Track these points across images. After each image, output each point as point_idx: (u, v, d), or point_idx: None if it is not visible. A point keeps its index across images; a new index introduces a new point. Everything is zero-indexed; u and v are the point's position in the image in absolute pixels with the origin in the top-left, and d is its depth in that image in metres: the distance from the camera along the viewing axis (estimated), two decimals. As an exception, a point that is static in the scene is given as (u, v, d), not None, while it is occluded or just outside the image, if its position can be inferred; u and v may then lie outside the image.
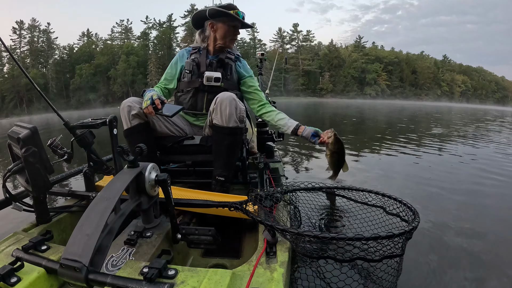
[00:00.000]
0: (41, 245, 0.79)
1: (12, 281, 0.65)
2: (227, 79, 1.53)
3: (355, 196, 1.23)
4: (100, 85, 46.88)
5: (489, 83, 63.45)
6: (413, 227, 0.83)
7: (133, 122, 1.34)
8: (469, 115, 14.77)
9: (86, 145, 1.09)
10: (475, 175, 2.85)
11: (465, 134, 6.37)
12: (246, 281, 0.67)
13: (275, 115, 1.50)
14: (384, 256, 0.81)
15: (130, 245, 0.86)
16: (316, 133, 1.42)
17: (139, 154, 0.83)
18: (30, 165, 0.87)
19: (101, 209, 0.67)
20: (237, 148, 1.39)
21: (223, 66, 1.54)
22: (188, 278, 0.63)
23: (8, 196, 0.99)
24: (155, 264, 0.63)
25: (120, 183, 0.75)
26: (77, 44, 52.11)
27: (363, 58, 53.42)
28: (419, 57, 59.55)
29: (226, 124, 1.28)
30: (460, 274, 1.19)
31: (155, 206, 0.94)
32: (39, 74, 44.77)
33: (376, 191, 1.17)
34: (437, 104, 38.38)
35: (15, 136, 0.87)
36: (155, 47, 51.71)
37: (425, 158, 3.65)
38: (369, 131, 7.27)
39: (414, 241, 1.27)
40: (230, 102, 1.27)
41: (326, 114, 13.56)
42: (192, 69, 1.53)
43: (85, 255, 0.59)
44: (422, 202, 2.02)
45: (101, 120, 1.04)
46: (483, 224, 1.70)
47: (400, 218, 1.02)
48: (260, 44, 54.65)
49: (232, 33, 1.53)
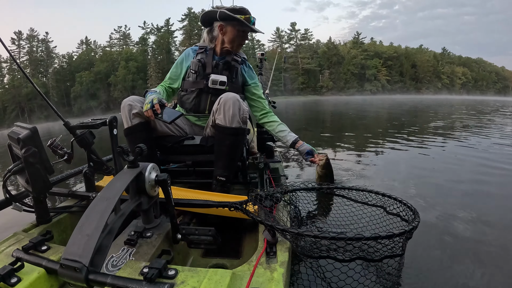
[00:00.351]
0: (41, 245, 0.79)
1: (12, 281, 0.65)
2: (232, 82, 1.53)
3: (355, 196, 1.23)
4: (100, 92, 47.10)
5: (489, 74, 63.49)
6: (413, 227, 0.83)
7: (134, 121, 1.34)
8: (476, 105, 14.44)
9: (86, 145, 1.09)
10: (481, 164, 2.81)
11: (471, 125, 6.27)
12: (246, 281, 0.67)
13: (276, 126, 1.59)
14: (385, 256, 0.81)
15: (130, 245, 0.86)
16: (311, 151, 1.56)
17: (139, 154, 0.83)
18: (30, 166, 0.87)
19: (101, 209, 0.67)
20: (239, 149, 1.39)
21: (229, 68, 1.53)
22: (188, 278, 0.63)
23: (8, 196, 0.99)
24: (155, 264, 0.63)
25: (120, 183, 0.75)
26: (76, 52, 52.42)
27: (362, 54, 53.45)
28: (418, 50, 59.58)
29: (229, 124, 1.27)
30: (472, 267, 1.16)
31: (155, 206, 0.94)
32: (40, 83, 44.91)
33: (376, 191, 1.17)
34: (439, 97, 38.13)
35: (15, 136, 0.87)
36: (154, 52, 51.89)
37: (431, 150, 3.61)
38: (370, 126, 7.24)
39: (424, 236, 1.26)
40: (234, 102, 1.27)
41: (326, 113, 13.49)
42: (197, 70, 1.52)
43: (85, 255, 0.59)
44: (428, 193, 2.00)
45: (101, 120, 1.04)
46: (489, 213, 1.68)
47: (400, 218, 1.02)
48: (258, 44, 54.70)
49: (240, 38, 1.52)
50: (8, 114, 42.77)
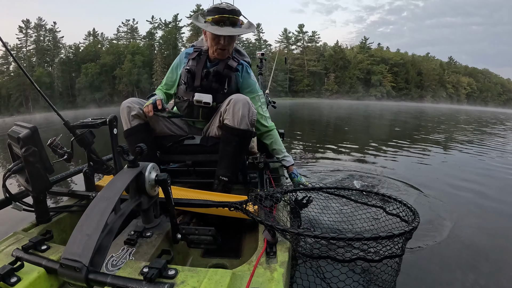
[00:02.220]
0: (41, 245, 0.79)
1: (12, 281, 0.65)
2: (223, 93, 1.41)
3: (355, 196, 1.23)
4: (105, 84, 47.12)
5: (494, 85, 63.42)
6: (413, 227, 0.83)
7: (133, 122, 1.34)
8: (487, 118, 14.10)
9: (86, 145, 1.09)
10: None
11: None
12: (246, 281, 0.67)
13: (273, 144, 1.59)
14: (384, 256, 0.81)
15: (130, 245, 0.86)
16: (298, 182, 1.59)
17: (139, 154, 0.83)
18: (30, 165, 0.87)
19: (101, 209, 0.67)
20: (244, 151, 1.39)
21: (220, 80, 1.41)
22: (188, 278, 0.63)
23: (8, 196, 0.99)
24: (155, 264, 0.63)
25: (120, 183, 0.75)
26: (83, 43, 52.41)
27: (369, 60, 53.42)
28: (425, 58, 59.52)
29: (237, 125, 1.27)
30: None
31: (155, 206, 0.94)
32: (45, 73, 45.01)
33: (376, 191, 1.17)
34: (449, 107, 37.75)
35: (15, 135, 0.87)
36: (161, 47, 51.85)
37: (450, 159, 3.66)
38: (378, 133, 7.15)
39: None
40: (244, 104, 1.27)
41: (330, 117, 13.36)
42: (187, 81, 1.43)
43: (85, 255, 0.59)
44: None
45: (101, 120, 1.04)
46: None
47: (400, 218, 1.02)
48: (265, 44, 54.74)
49: (215, 43, 1.35)
50: (12, 102, 42.80)
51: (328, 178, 2.77)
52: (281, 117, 11.20)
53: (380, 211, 1.13)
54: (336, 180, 2.67)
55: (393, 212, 1.07)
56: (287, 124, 8.45)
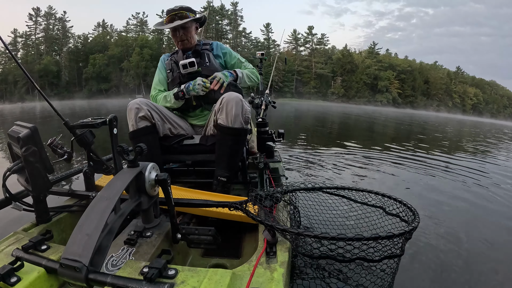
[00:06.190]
0: (41, 244, 0.79)
1: (12, 280, 0.65)
2: (205, 66, 1.54)
3: (355, 196, 1.22)
4: (112, 75, 47.13)
5: (501, 98, 63.22)
6: (413, 228, 0.83)
7: (140, 124, 1.33)
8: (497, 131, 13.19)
9: (86, 144, 1.09)
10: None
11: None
12: (246, 281, 0.67)
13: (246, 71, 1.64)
14: (384, 257, 0.81)
15: (130, 245, 0.86)
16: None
17: (139, 154, 0.83)
18: (30, 165, 0.87)
19: (101, 209, 0.67)
20: (241, 149, 1.39)
21: (199, 55, 1.55)
22: (188, 278, 0.63)
23: (8, 196, 0.99)
24: (155, 264, 0.63)
25: (120, 182, 0.75)
26: (92, 34, 52.46)
27: (376, 65, 53.25)
28: (433, 67, 59.34)
29: (231, 124, 1.27)
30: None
31: (155, 206, 0.94)
32: (53, 61, 45.15)
33: (376, 191, 1.17)
34: (458, 117, 36.72)
35: (15, 135, 0.87)
36: (169, 41, 51.63)
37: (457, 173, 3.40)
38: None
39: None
40: (237, 102, 1.27)
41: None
42: (171, 67, 1.57)
43: (85, 255, 0.59)
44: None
45: (101, 120, 1.04)
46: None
47: (400, 219, 1.02)
48: (274, 44, 54.64)
49: (174, 35, 1.55)
50: (18, 89, 42.89)
51: (329, 179, 2.77)
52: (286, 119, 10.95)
53: (380, 211, 1.13)
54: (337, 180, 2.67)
55: (393, 212, 1.07)
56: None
